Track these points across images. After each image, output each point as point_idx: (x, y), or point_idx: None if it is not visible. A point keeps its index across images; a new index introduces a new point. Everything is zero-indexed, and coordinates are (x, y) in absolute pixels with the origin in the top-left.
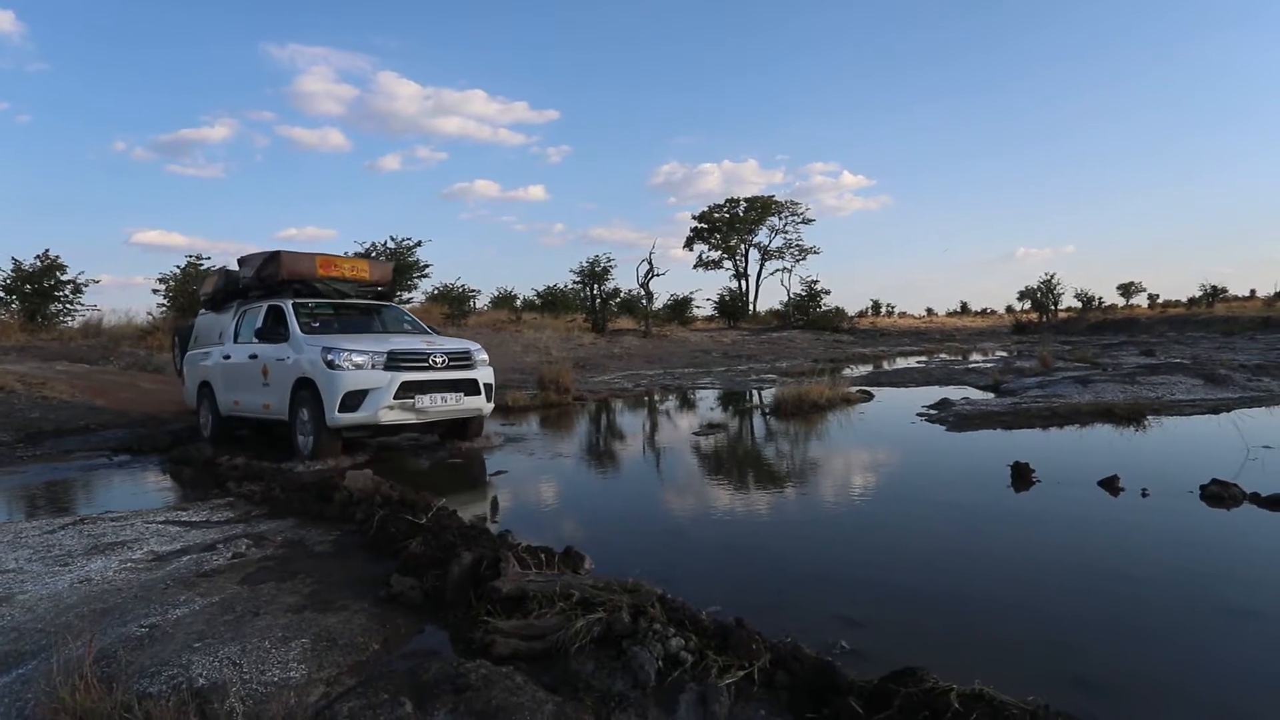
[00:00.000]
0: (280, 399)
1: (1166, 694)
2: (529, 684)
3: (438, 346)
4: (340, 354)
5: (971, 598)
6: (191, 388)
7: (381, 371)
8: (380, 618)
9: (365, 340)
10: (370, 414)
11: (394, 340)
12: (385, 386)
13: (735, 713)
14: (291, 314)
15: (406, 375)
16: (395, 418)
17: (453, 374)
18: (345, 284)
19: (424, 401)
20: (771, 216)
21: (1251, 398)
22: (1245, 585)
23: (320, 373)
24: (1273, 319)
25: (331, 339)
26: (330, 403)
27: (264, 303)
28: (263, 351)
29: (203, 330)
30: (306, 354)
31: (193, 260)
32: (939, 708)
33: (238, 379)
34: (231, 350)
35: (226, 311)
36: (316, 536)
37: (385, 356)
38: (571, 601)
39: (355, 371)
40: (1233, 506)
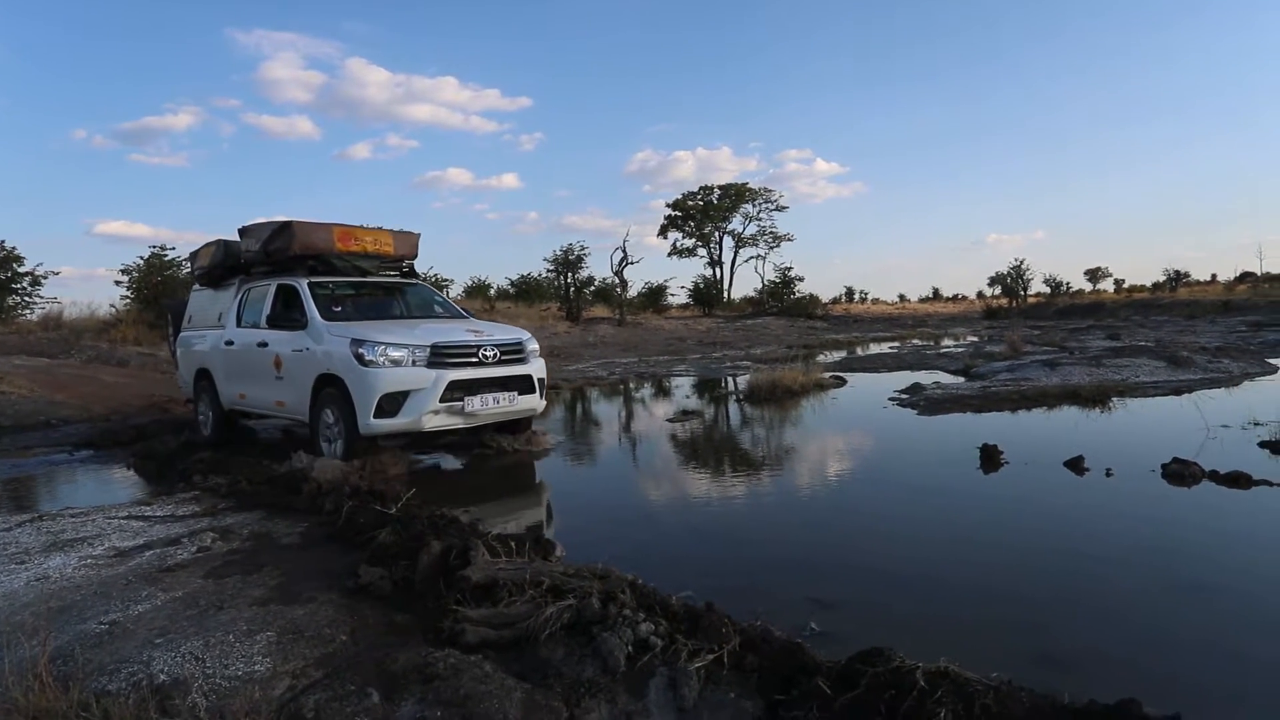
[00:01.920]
0: (297, 396)
1: (1124, 667)
2: (498, 672)
3: (487, 337)
4: (374, 347)
5: (940, 578)
6: (187, 374)
7: (424, 369)
8: (348, 609)
9: (401, 330)
10: (412, 420)
11: (434, 329)
12: (429, 387)
13: (705, 696)
14: (309, 296)
15: (454, 373)
16: (440, 423)
17: (505, 369)
18: (367, 260)
19: (473, 403)
20: (745, 204)
21: (1212, 379)
22: (1202, 560)
23: (350, 370)
24: (1232, 303)
25: (360, 328)
26: (363, 406)
27: (272, 281)
28: (274, 340)
29: (198, 309)
30: (330, 345)
31: (157, 251)
32: (905, 686)
33: (243, 369)
34: (235, 335)
35: (226, 289)
36: (284, 529)
37: (428, 351)
38: (542, 589)
39: (393, 369)
40: (1192, 484)
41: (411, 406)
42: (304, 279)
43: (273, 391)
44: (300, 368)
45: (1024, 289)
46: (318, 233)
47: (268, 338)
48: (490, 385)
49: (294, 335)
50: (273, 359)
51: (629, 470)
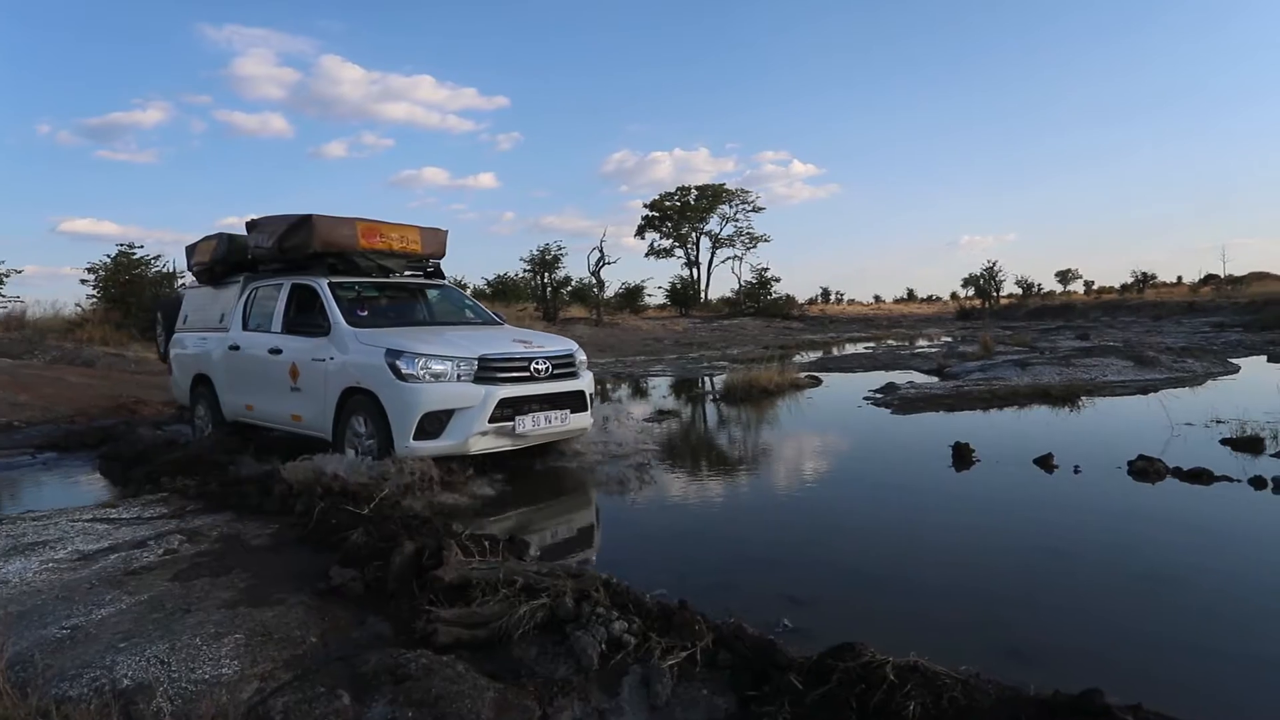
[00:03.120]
0: (318, 411)
1: (1089, 658)
2: (470, 672)
3: (538, 349)
4: (413, 360)
5: (912, 574)
6: (182, 380)
7: (471, 384)
8: (319, 610)
9: (441, 339)
10: (457, 442)
11: (477, 338)
12: (478, 406)
13: (678, 693)
14: (331, 299)
15: (504, 389)
16: (487, 445)
17: (557, 385)
18: (392, 259)
19: (524, 423)
20: (722, 205)
21: (1177, 378)
22: (1165, 554)
23: (385, 384)
24: (1197, 304)
25: (394, 335)
26: (401, 427)
27: (284, 280)
28: (290, 346)
29: (196, 308)
30: (360, 355)
31: (124, 249)
32: (875, 680)
33: (251, 378)
34: (241, 339)
35: (228, 287)
36: (254, 530)
37: (475, 364)
38: (515, 588)
39: (435, 385)
40: (1157, 480)
41: (457, 427)
42: (324, 279)
43: (287, 404)
44: (322, 379)
45: (996, 290)
46: (340, 228)
47: (282, 344)
48: (542, 402)
49: (314, 342)
50: (288, 368)
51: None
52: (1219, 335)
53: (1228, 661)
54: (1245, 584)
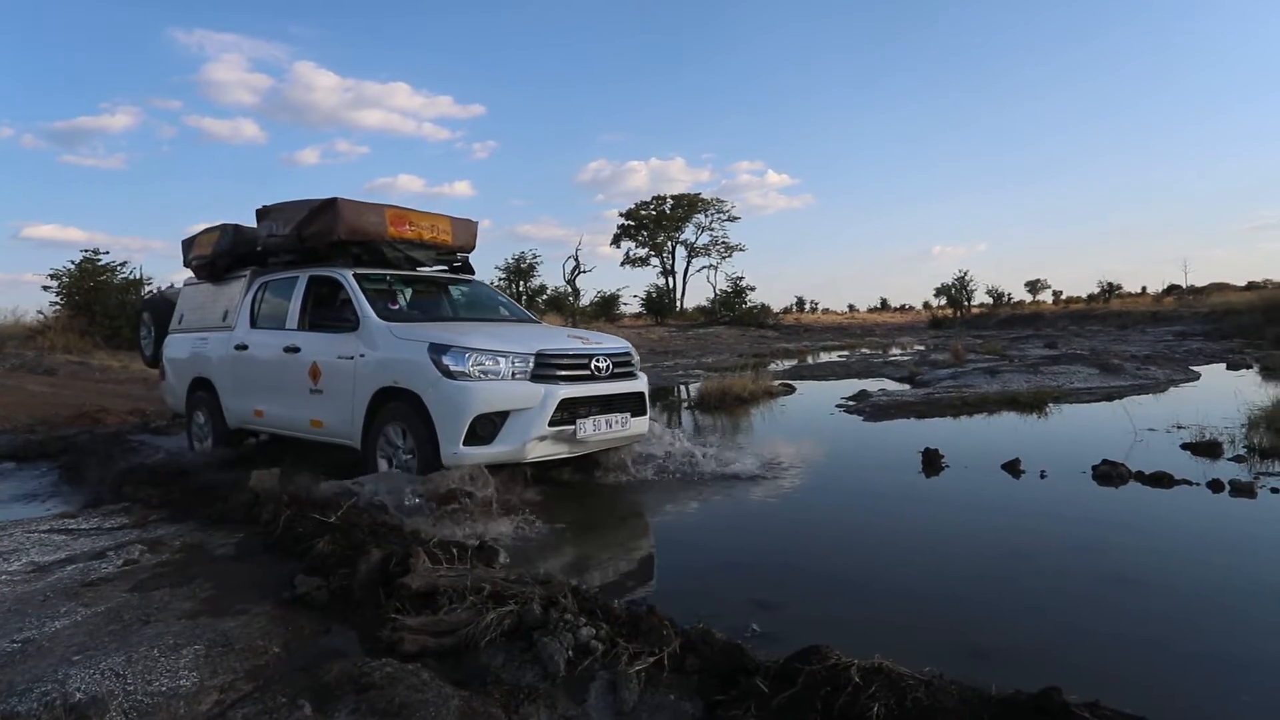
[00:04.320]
0: (344, 415)
1: (1051, 658)
2: (435, 680)
3: (596, 345)
4: (462, 355)
5: (880, 578)
6: (178, 385)
7: (528, 383)
8: (283, 620)
9: (489, 333)
10: (513, 448)
11: (527, 333)
12: (538, 407)
13: (644, 698)
14: (358, 291)
15: (565, 389)
16: (545, 452)
17: (618, 385)
18: (421, 249)
19: (586, 427)
20: (698, 214)
21: (1140, 385)
22: (1126, 556)
23: (430, 383)
24: (1160, 313)
25: (436, 329)
26: (450, 431)
27: (301, 273)
28: (310, 344)
29: (193, 306)
30: (397, 351)
31: (89, 255)
32: (841, 682)
33: (262, 380)
34: (249, 338)
35: (231, 282)
36: (218, 540)
37: (532, 360)
38: (483, 595)
39: (488, 383)
40: (1120, 485)
41: (513, 431)
42: (348, 270)
43: (306, 408)
44: (349, 380)
45: (968, 300)
46: (368, 214)
47: (300, 341)
48: (604, 404)
49: (340, 339)
50: (308, 368)
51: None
52: (1181, 344)
53: (1184, 659)
54: (1202, 584)
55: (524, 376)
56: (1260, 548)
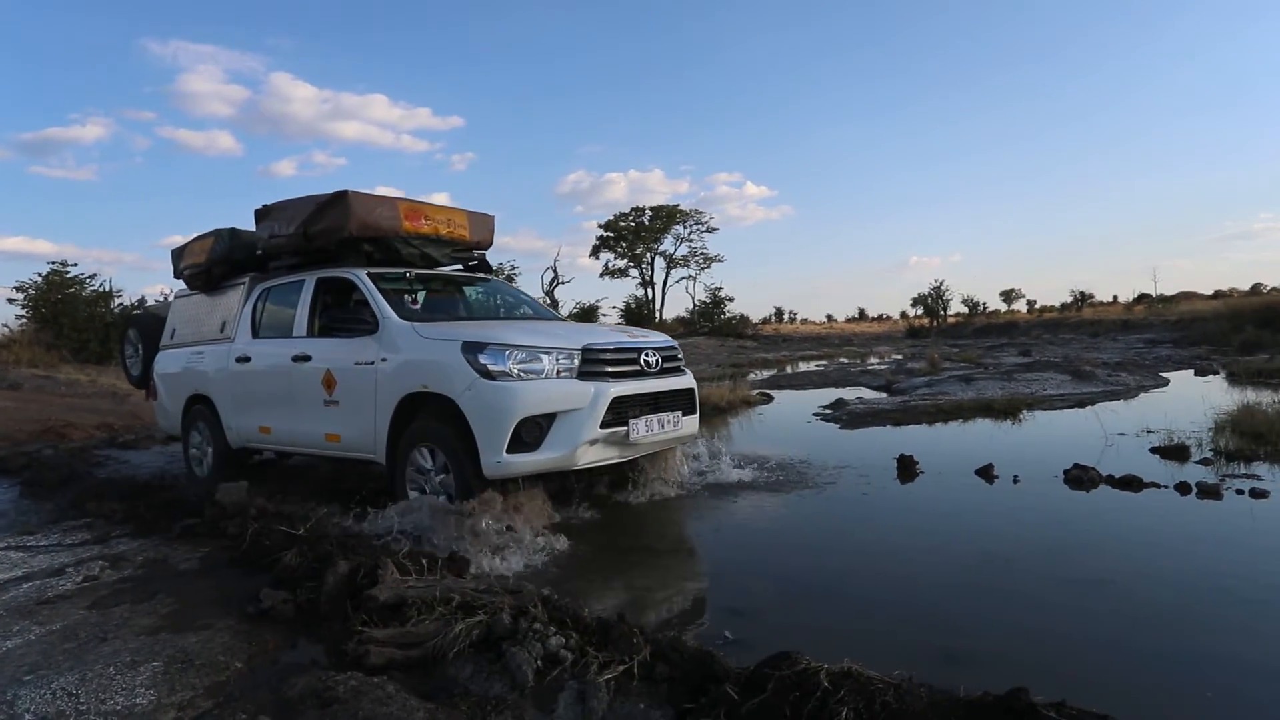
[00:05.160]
0: (364, 427)
1: (1022, 661)
2: (401, 692)
3: (644, 340)
4: (502, 353)
5: (853, 582)
6: (172, 405)
7: (575, 381)
8: (247, 635)
9: (525, 329)
10: (562, 454)
11: (566, 328)
12: (588, 407)
13: (614, 707)
14: (374, 290)
15: (617, 387)
16: (596, 457)
17: (669, 381)
18: (438, 245)
19: (638, 429)
20: (676, 225)
21: (1111, 391)
22: (1096, 558)
23: (466, 385)
24: (1131, 322)
25: (467, 327)
26: (490, 437)
27: (306, 276)
28: (323, 351)
29: (186, 319)
30: (424, 352)
31: (57, 268)
32: (810, 687)
33: (269, 393)
34: (252, 349)
35: (227, 291)
36: (183, 554)
37: (579, 356)
38: (452, 606)
39: (532, 383)
40: (1091, 488)
41: (562, 435)
42: (362, 269)
43: (320, 422)
44: (370, 387)
45: (944, 309)
46: (380, 208)
47: (310, 349)
48: (655, 403)
49: (357, 343)
50: (321, 377)
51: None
52: (1151, 351)
53: (1150, 658)
54: (1168, 585)
55: (570, 374)
56: (1225, 548)
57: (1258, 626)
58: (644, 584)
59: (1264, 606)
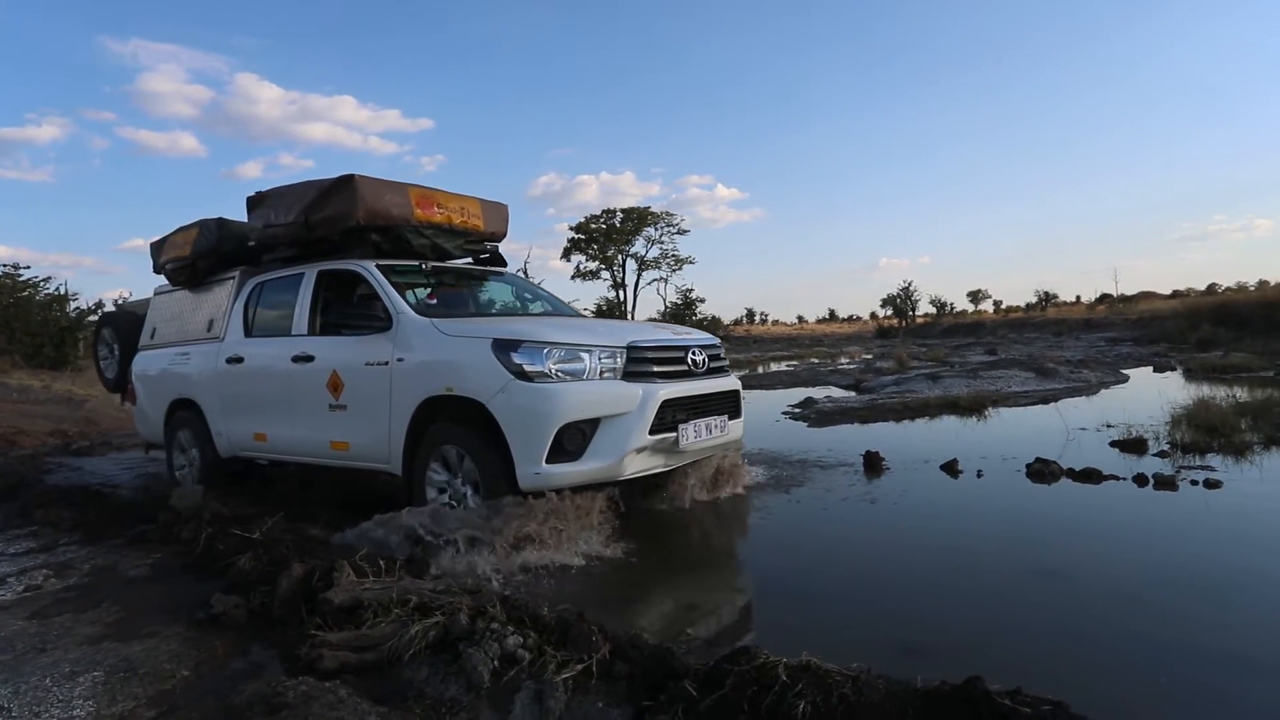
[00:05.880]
0: (377, 433)
1: (982, 651)
2: (353, 697)
3: (689, 337)
4: (539, 351)
5: (817, 577)
6: (153, 410)
7: (621, 383)
8: (196, 642)
9: (564, 326)
10: (609, 463)
11: (604, 326)
12: (636, 411)
13: (572, 707)
14: (386, 284)
15: (667, 388)
16: (642, 466)
17: (716, 382)
18: (450, 236)
19: (688, 434)
20: (648, 227)
21: (1074, 388)
22: (1055, 549)
23: (499, 387)
24: (1093, 321)
25: (502, 324)
26: (529, 446)
27: (306, 269)
28: (327, 350)
29: (168, 316)
30: (448, 351)
31: (9, 270)
32: (768, 682)
33: (264, 397)
34: (244, 348)
35: (214, 287)
36: (133, 561)
37: (623, 354)
38: (409, 607)
39: (574, 385)
40: (1052, 481)
41: (607, 442)
42: (370, 261)
43: (325, 428)
44: (384, 390)
45: (913, 310)
46: (390, 194)
47: (313, 348)
48: (703, 405)
49: (367, 341)
50: (326, 379)
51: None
52: (1112, 349)
53: (1105, 645)
54: (1125, 574)
55: (613, 375)
56: (1180, 538)
57: (1210, 613)
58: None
59: (1216, 593)
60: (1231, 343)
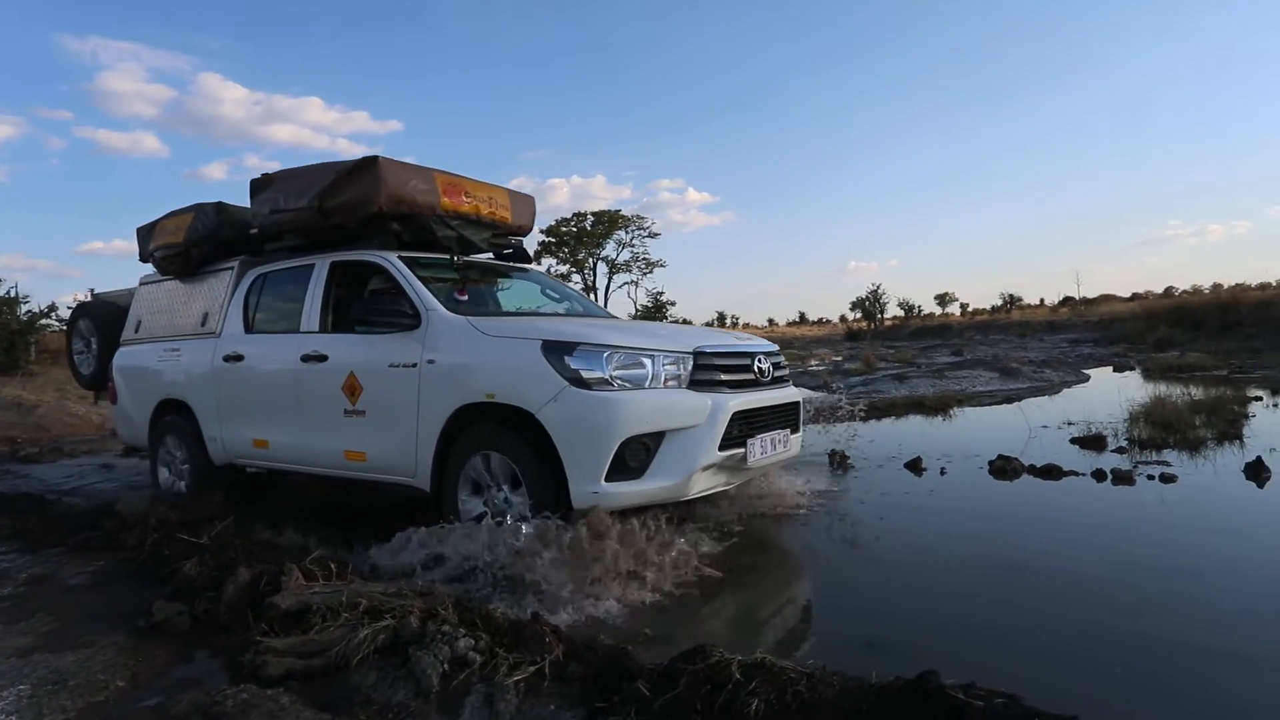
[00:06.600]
0: (403, 443)
1: (941, 647)
2: (295, 704)
3: (751, 343)
4: (598, 355)
5: (778, 575)
6: (137, 412)
7: (686, 392)
8: (134, 651)
9: (619, 329)
10: (675, 482)
11: (661, 330)
12: (705, 424)
13: (523, 710)
14: (413, 277)
15: (736, 399)
16: (707, 485)
17: (780, 394)
18: (476, 229)
19: (754, 451)
20: (619, 230)
21: (1036, 387)
22: (1016, 544)
23: (550, 394)
24: (1056, 323)
25: (552, 324)
26: (586, 461)
27: (317, 259)
28: (344, 349)
29: (155, 309)
30: (488, 354)
31: None
32: (722, 680)
33: (267, 400)
34: (245, 346)
35: (209, 278)
36: (74, 569)
37: (689, 360)
38: (358, 611)
39: (638, 394)
40: (1014, 478)
41: (673, 459)
42: (391, 252)
43: (339, 435)
44: (410, 395)
45: (881, 312)
46: (415, 179)
47: (327, 346)
48: (769, 418)
49: (391, 340)
50: (342, 381)
51: None
52: (1074, 350)
53: (1063, 638)
54: (1083, 568)
55: (677, 383)
56: (1137, 531)
57: (1165, 605)
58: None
59: (1171, 586)
60: (1187, 343)
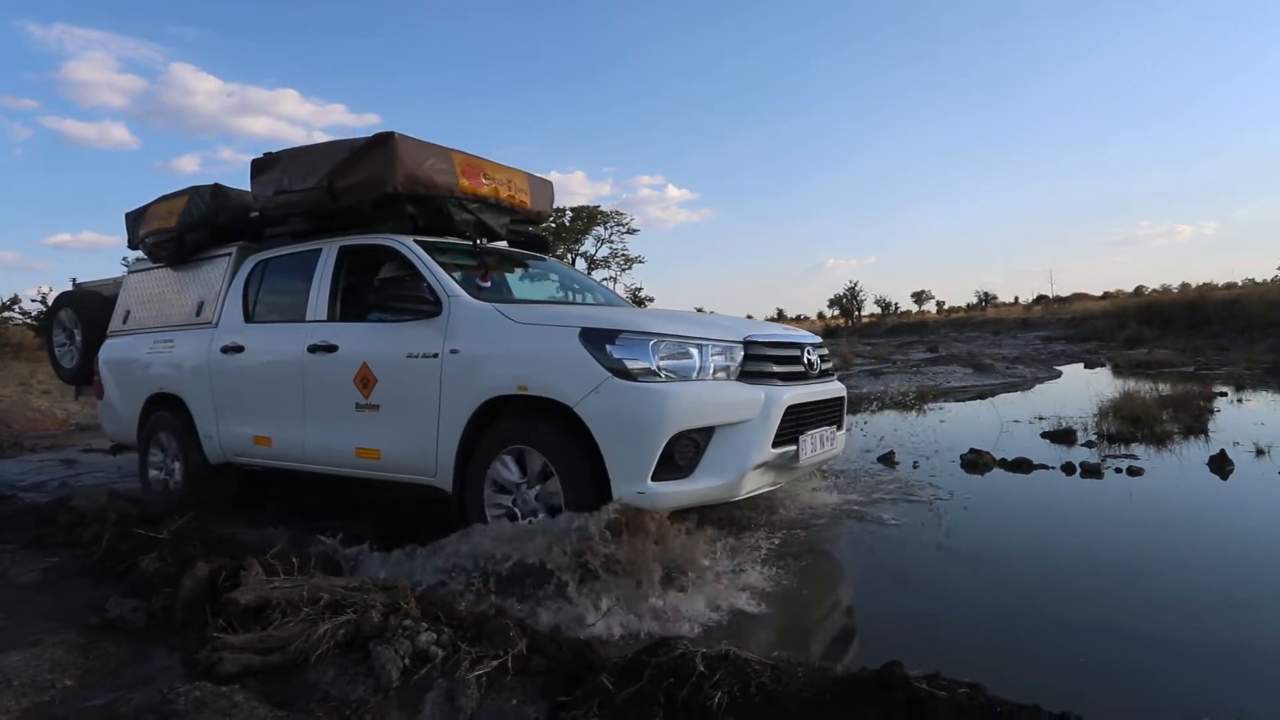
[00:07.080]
0: (421, 440)
1: (910, 639)
2: (250, 701)
3: (798, 334)
4: (643, 344)
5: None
6: (125, 407)
7: (737, 384)
8: (85, 649)
9: (660, 317)
10: (726, 481)
11: (702, 318)
12: (758, 419)
13: (485, 705)
14: (432, 262)
15: (789, 392)
16: (758, 484)
17: (828, 387)
18: (495, 213)
19: (806, 448)
20: (597, 226)
21: (1009, 383)
22: (984, 536)
23: (590, 386)
24: (1030, 320)
25: (589, 312)
26: (630, 458)
27: (325, 244)
28: (355, 338)
29: (146, 298)
30: (519, 342)
31: None
32: (686, 673)
33: (269, 394)
34: (245, 336)
35: (204, 265)
36: (26, 566)
37: (740, 350)
38: (319, 606)
39: (687, 385)
40: (985, 471)
41: (723, 456)
42: (407, 236)
43: (350, 431)
44: (431, 387)
45: (858, 310)
46: (434, 159)
47: (336, 336)
48: (817, 414)
49: (410, 329)
50: (354, 374)
51: None
52: (1047, 347)
53: (1028, 629)
54: (1050, 560)
55: (726, 375)
56: (1104, 523)
57: (1130, 595)
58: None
59: (1137, 576)
60: (1156, 340)
